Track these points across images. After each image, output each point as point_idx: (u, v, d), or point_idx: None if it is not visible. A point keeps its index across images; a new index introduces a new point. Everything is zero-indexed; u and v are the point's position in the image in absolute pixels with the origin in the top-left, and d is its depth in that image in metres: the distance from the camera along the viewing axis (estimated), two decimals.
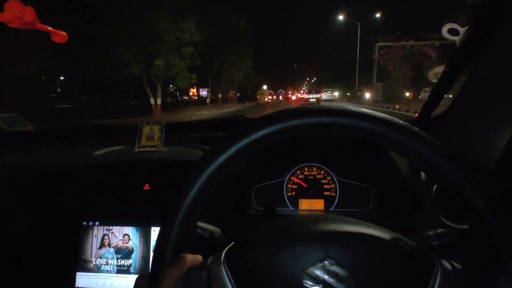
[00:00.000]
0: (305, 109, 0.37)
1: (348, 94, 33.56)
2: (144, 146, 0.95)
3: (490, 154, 0.64)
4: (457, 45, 0.69)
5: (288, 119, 0.36)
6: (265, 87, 35.09)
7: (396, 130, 0.35)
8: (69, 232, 0.80)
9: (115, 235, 0.78)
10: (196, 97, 29.25)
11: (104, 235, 0.78)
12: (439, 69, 0.81)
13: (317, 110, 0.37)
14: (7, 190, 0.88)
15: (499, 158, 0.63)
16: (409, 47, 15.12)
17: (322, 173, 0.87)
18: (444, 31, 0.67)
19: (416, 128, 0.36)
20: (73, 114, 14.87)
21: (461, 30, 0.66)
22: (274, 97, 27.32)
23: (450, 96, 0.79)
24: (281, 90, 27.95)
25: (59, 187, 0.86)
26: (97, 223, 0.79)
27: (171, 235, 0.37)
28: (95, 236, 0.78)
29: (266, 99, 26.46)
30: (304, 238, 0.38)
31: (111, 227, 0.78)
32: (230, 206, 0.80)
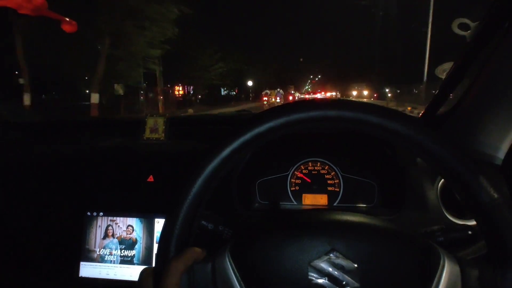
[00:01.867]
0: (310, 102, 0.37)
1: (390, 94, 22.85)
2: (148, 138, 0.96)
3: (497, 151, 0.64)
4: (467, 40, 0.68)
5: (293, 112, 0.36)
6: (250, 83, 28.00)
7: (404, 124, 0.35)
8: (73, 222, 0.81)
9: (119, 226, 0.78)
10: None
11: (108, 225, 0.79)
12: (448, 65, 0.80)
13: (322, 103, 0.36)
14: (12, 180, 0.89)
15: (506, 155, 0.63)
16: None
17: (326, 168, 0.87)
18: (454, 26, 0.66)
19: (424, 123, 0.35)
20: None
21: (472, 25, 0.65)
22: (273, 98, 18.98)
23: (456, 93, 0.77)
24: (279, 90, 19.55)
25: (63, 178, 0.86)
26: (101, 213, 0.79)
27: (176, 228, 0.37)
28: (99, 226, 0.79)
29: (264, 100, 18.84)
30: (309, 231, 0.38)
31: (115, 218, 0.79)
32: (234, 199, 0.80)
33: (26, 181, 0.87)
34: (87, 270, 0.78)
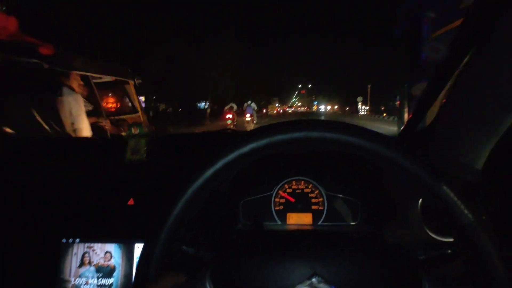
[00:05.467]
0: (293, 123, 0.37)
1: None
2: (130, 160, 0.93)
3: (473, 167, 0.65)
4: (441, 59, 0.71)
5: (276, 133, 0.36)
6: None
7: (384, 145, 0.35)
8: (47, 251, 0.76)
9: (96, 252, 0.75)
10: None
11: (85, 252, 0.75)
12: (423, 84, 0.83)
13: (305, 124, 0.37)
14: None
15: (481, 170, 0.64)
16: None
17: (310, 186, 0.87)
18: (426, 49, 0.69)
19: (404, 144, 0.36)
20: None
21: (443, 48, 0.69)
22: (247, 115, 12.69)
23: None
24: (249, 103, 13.10)
25: (37, 202, 0.82)
26: (77, 240, 0.75)
27: (155, 252, 0.36)
28: (74, 254, 0.75)
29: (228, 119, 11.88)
30: (291, 255, 0.38)
31: (92, 244, 0.75)
32: (217, 221, 0.78)
33: None
34: None
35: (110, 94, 3.92)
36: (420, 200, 0.66)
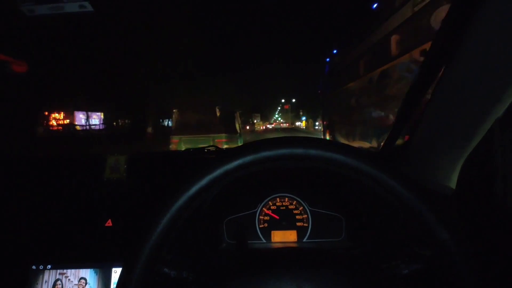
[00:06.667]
0: (278, 140, 0.37)
1: None
2: (109, 179, 0.90)
3: (447, 182, 0.68)
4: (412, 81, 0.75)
5: (261, 150, 0.36)
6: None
7: (366, 163, 0.36)
8: (15, 279, 0.71)
9: (69, 279, 0.70)
10: None
11: (57, 280, 0.70)
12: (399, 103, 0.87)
13: (290, 141, 0.37)
14: None
15: (455, 186, 0.67)
16: None
17: (294, 203, 0.87)
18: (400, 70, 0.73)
19: (383, 160, 0.37)
20: None
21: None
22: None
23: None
24: None
25: (4, 224, 0.77)
26: (48, 266, 0.70)
27: (134, 276, 0.34)
28: (45, 281, 0.70)
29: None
30: (277, 274, 0.37)
31: (65, 271, 0.70)
32: (200, 240, 0.76)
33: None
34: None
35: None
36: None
